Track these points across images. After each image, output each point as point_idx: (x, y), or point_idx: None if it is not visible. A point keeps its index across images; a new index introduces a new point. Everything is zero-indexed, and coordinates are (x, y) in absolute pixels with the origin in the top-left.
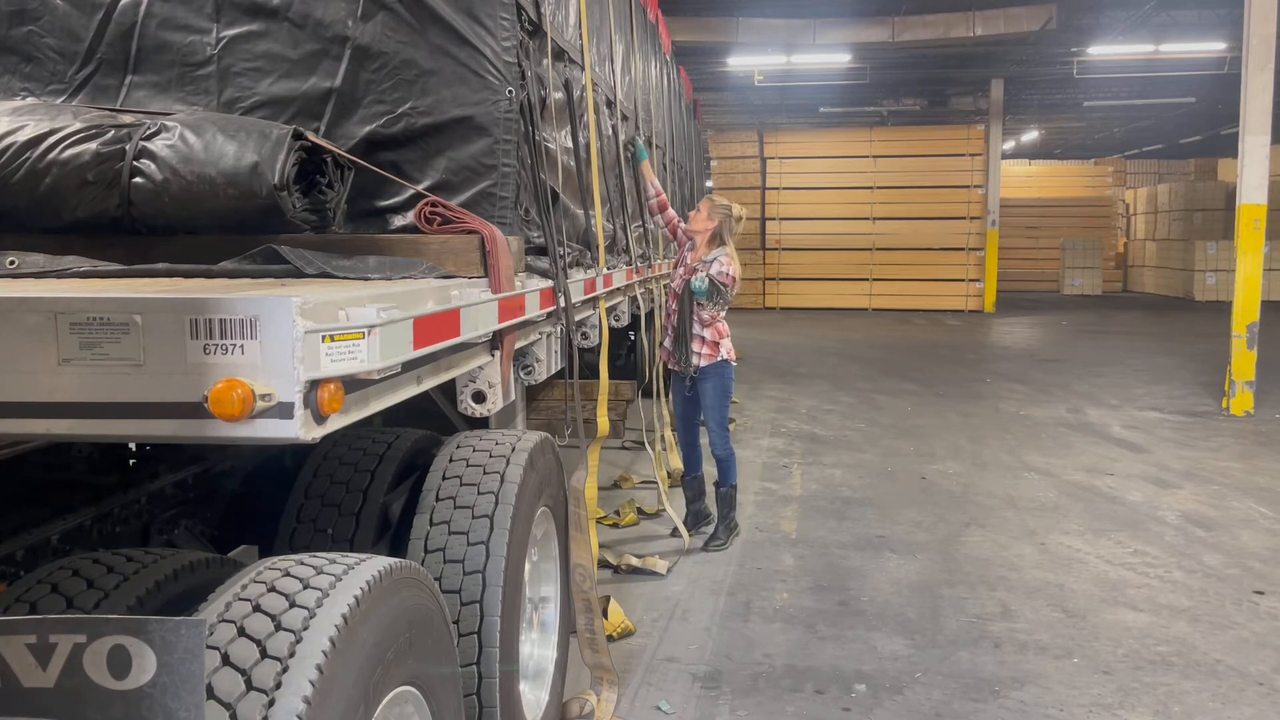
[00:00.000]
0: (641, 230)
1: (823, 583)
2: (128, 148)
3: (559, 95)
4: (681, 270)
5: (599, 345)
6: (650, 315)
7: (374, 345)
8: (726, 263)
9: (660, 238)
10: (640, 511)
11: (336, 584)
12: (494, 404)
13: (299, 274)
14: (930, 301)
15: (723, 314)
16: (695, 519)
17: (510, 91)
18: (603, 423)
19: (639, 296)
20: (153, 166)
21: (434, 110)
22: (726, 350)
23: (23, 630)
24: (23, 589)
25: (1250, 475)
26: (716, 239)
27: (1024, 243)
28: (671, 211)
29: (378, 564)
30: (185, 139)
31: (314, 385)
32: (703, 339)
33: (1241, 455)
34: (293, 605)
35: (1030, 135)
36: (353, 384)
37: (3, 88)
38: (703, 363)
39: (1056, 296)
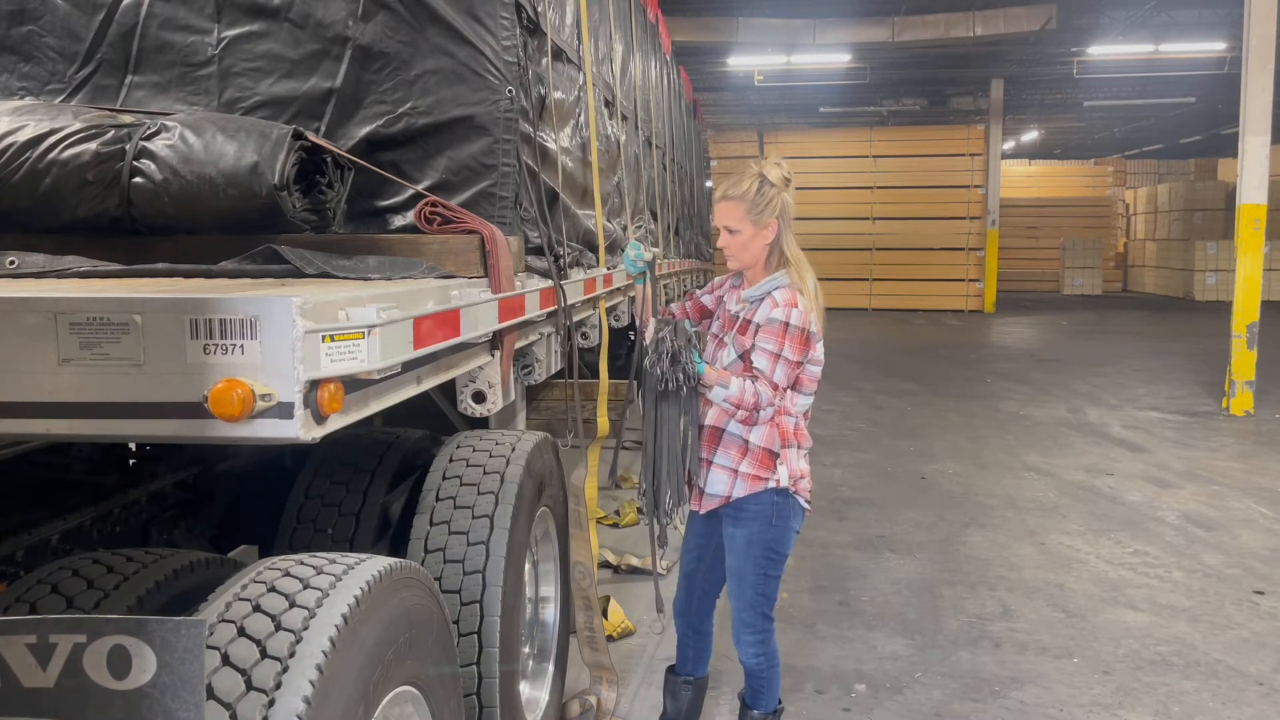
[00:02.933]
0: (643, 230)
1: (823, 582)
2: (128, 148)
3: (559, 95)
4: (718, 324)
5: (599, 345)
6: None
7: (374, 345)
8: (788, 302)
9: (660, 237)
10: (640, 511)
11: (336, 584)
12: (494, 404)
13: (299, 274)
14: (930, 301)
15: (800, 402)
16: None
17: (510, 91)
18: (603, 423)
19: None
20: (153, 166)
21: (434, 110)
22: (789, 474)
23: (23, 630)
24: (23, 589)
25: (1250, 475)
26: (775, 253)
27: (1024, 243)
28: (691, 301)
29: (378, 564)
30: (185, 139)
31: (314, 385)
32: (744, 445)
33: (1241, 455)
34: (293, 605)
35: (1030, 135)
36: (353, 384)
37: (1, 86)
38: (739, 490)
39: (1056, 296)
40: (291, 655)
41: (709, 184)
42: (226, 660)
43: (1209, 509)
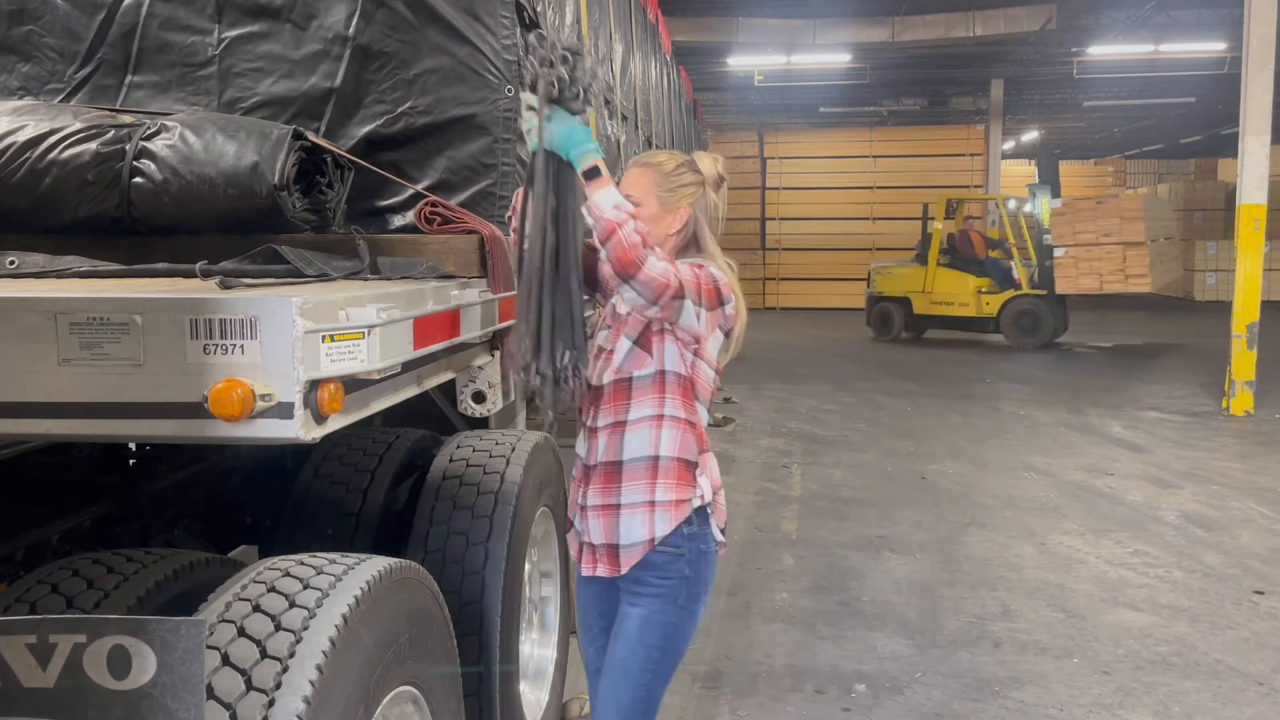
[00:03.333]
0: None
1: (823, 583)
2: (128, 148)
3: None
4: (605, 335)
5: None
6: None
7: (374, 345)
8: (698, 269)
9: None
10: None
11: (336, 584)
12: (494, 404)
13: (299, 274)
14: None
15: (709, 380)
16: None
17: (510, 90)
18: None
19: None
20: (153, 166)
21: (434, 109)
22: (711, 484)
23: (23, 630)
24: (23, 589)
25: (1250, 475)
26: (688, 247)
27: None
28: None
29: (378, 564)
30: (185, 139)
31: (314, 385)
32: (652, 464)
33: (1241, 455)
34: (293, 605)
35: (1030, 135)
36: (353, 384)
37: (1, 86)
38: (662, 526)
39: None
40: (291, 655)
41: None
42: (226, 660)
43: (1209, 509)
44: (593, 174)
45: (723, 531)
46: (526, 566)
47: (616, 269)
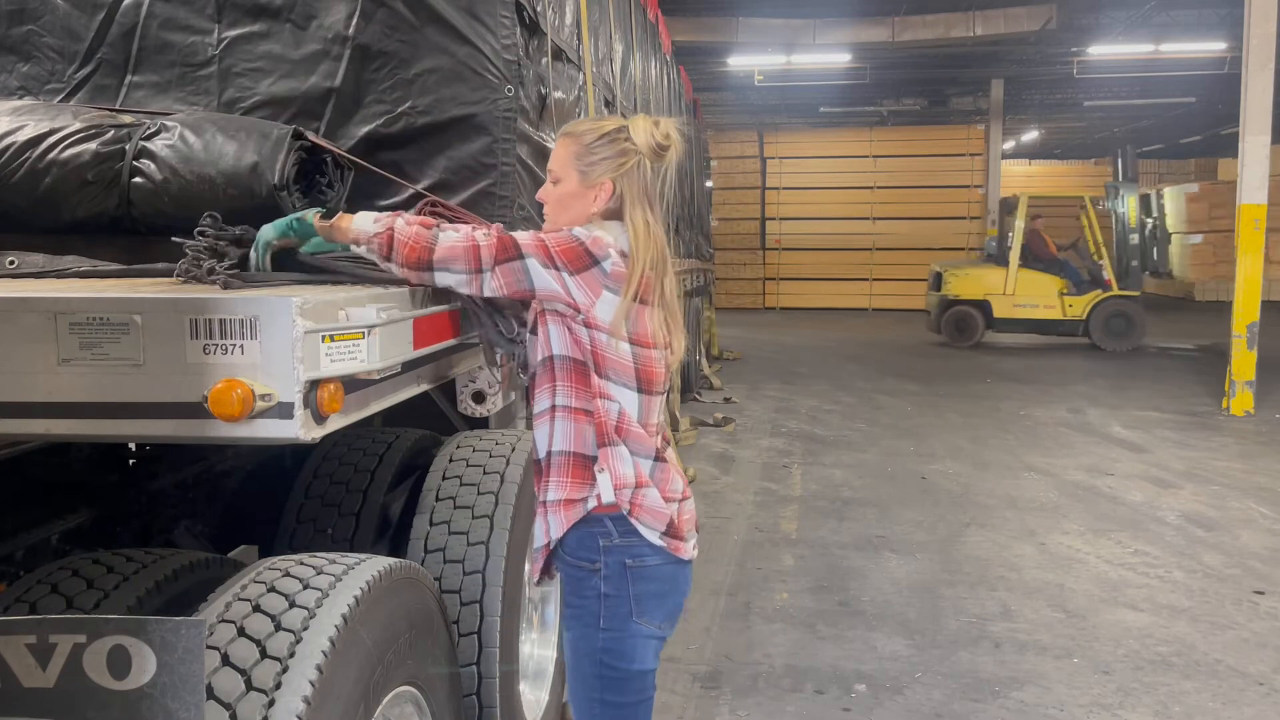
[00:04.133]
0: None
1: (823, 583)
2: (127, 148)
3: (559, 95)
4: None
5: None
6: None
7: (374, 345)
8: (550, 232)
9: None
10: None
11: (336, 584)
12: (494, 404)
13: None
14: None
15: (621, 395)
16: None
17: (510, 90)
18: None
19: None
20: (152, 166)
21: (434, 109)
22: (613, 482)
23: (23, 630)
24: (23, 589)
25: (1250, 475)
26: (614, 217)
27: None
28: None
29: (378, 564)
30: (185, 139)
31: (314, 385)
32: (546, 459)
33: (1241, 455)
34: (293, 605)
35: (1030, 135)
36: (353, 384)
37: (1, 86)
38: (555, 528)
39: None
40: (291, 655)
41: (709, 184)
42: (226, 660)
43: (1209, 509)
44: (326, 219)
45: (668, 533)
46: (526, 566)
47: (415, 267)
